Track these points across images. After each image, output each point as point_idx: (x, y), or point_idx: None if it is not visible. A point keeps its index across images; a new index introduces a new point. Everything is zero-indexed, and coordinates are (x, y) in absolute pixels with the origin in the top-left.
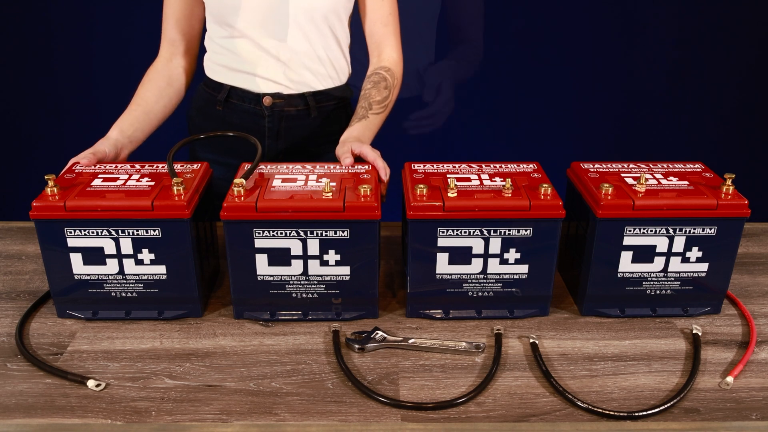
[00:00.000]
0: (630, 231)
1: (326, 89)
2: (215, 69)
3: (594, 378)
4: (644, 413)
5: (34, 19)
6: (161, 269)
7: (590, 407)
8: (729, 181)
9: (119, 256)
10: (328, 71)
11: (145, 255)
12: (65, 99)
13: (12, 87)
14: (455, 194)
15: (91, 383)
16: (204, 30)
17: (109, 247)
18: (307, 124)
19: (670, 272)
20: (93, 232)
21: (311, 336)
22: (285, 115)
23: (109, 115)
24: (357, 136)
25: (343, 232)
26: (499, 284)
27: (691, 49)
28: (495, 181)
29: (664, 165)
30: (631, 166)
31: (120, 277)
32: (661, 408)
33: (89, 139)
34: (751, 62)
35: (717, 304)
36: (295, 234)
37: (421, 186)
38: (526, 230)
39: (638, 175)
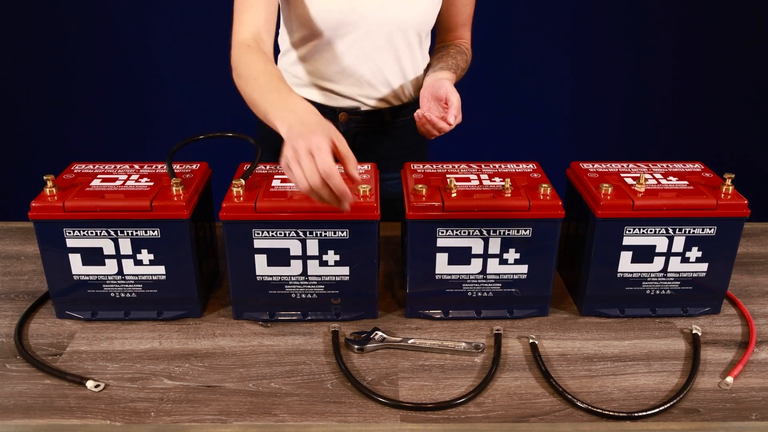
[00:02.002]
0: (629, 231)
1: (404, 103)
2: (289, 80)
3: (593, 378)
4: (644, 413)
5: (34, 18)
6: (160, 270)
7: (590, 407)
8: (728, 181)
9: (118, 256)
10: (409, 86)
11: (144, 255)
12: (65, 99)
13: (12, 87)
14: (455, 194)
15: (90, 384)
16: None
17: (108, 247)
18: (383, 139)
19: (670, 272)
20: (92, 233)
21: (311, 336)
22: (361, 131)
23: (109, 115)
24: (450, 80)
25: (342, 232)
26: (498, 284)
27: (691, 49)
28: (494, 181)
29: (664, 165)
30: (631, 166)
31: (119, 277)
32: (660, 408)
33: (89, 139)
34: (751, 62)
35: (717, 304)
36: (295, 234)
37: (421, 186)
38: (525, 230)
39: (638, 175)
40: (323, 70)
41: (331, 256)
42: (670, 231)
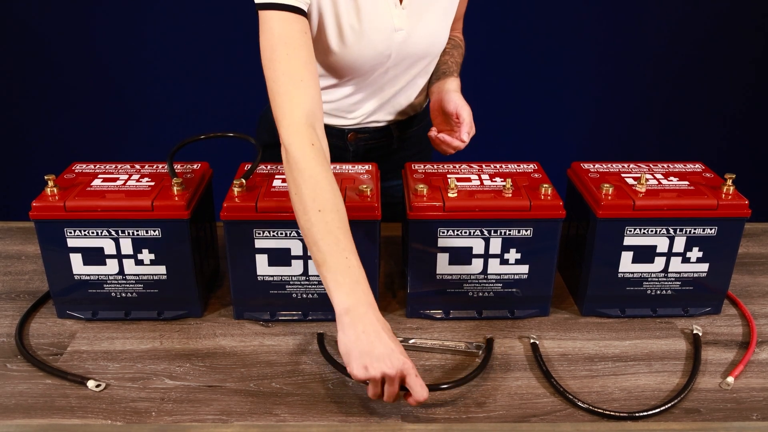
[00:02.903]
0: (630, 231)
1: (410, 116)
2: None
3: (594, 378)
4: (645, 413)
5: (34, 18)
6: (161, 269)
7: (591, 407)
8: (729, 182)
9: (119, 256)
10: (417, 101)
11: (145, 255)
12: (65, 99)
13: (12, 87)
14: (455, 194)
15: (91, 384)
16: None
17: (109, 247)
18: (391, 151)
19: (671, 272)
20: (93, 233)
21: (311, 336)
22: (370, 147)
23: (110, 115)
24: (457, 90)
25: None
26: (499, 284)
27: (692, 49)
28: (495, 181)
29: (665, 165)
30: (632, 166)
31: (120, 277)
32: (661, 408)
33: (90, 139)
34: (752, 62)
35: (717, 305)
36: (296, 234)
37: (422, 186)
38: (526, 230)
39: (638, 175)
40: (338, 104)
41: None
42: (671, 231)
